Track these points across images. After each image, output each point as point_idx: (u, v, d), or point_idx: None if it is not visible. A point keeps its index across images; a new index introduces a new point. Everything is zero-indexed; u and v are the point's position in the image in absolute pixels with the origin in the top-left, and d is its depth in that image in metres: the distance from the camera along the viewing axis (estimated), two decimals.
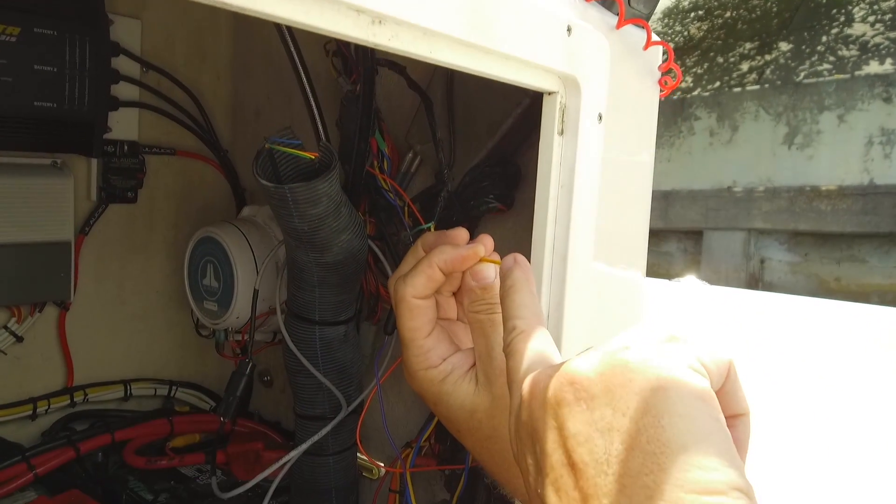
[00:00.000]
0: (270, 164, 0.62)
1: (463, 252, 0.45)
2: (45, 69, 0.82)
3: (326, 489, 0.78)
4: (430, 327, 0.45)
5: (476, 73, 0.45)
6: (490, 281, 0.44)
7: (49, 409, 0.95)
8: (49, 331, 0.98)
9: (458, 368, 0.44)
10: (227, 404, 0.74)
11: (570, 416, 0.28)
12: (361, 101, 0.64)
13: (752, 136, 6.88)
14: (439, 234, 0.48)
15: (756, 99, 6.95)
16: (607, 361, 0.29)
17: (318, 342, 0.73)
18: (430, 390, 0.44)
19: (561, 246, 0.54)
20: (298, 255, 0.68)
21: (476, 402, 0.43)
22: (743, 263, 6.84)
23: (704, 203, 7.02)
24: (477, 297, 0.44)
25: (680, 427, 0.26)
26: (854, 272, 6.41)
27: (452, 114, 0.73)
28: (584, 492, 0.27)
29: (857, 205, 5.98)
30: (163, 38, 1.02)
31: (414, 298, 0.44)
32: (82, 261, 0.98)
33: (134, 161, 0.99)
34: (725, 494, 0.24)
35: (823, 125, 6.26)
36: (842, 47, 6.30)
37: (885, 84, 5.75)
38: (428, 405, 0.46)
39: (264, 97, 1.07)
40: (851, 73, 6.18)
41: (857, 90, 5.96)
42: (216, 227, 0.90)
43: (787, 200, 6.50)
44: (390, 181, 0.77)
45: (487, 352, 0.43)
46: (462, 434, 0.45)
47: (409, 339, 0.45)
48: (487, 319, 0.43)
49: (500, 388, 0.42)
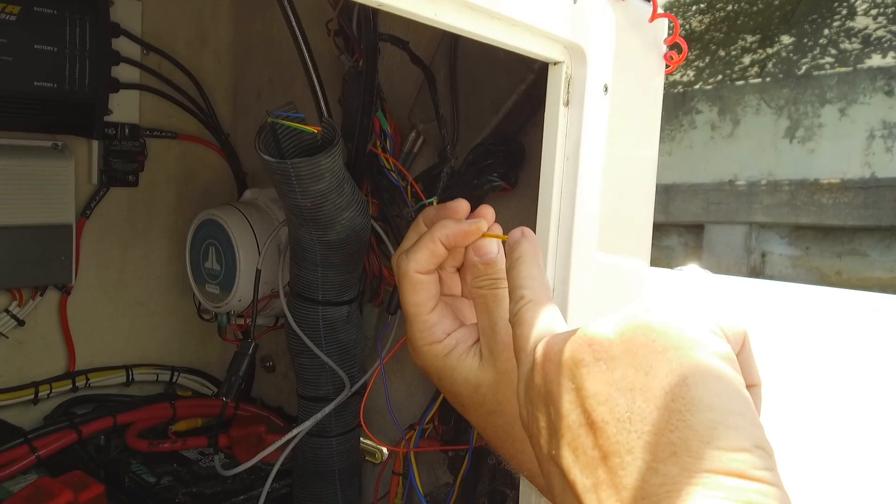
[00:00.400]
0: (273, 139, 0.61)
1: (465, 227, 0.45)
2: (46, 49, 0.81)
3: (329, 471, 0.78)
4: (433, 302, 0.45)
5: (481, 38, 0.44)
6: (493, 256, 0.44)
7: (51, 393, 0.94)
8: (51, 315, 0.97)
9: (462, 343, 0.44)
10: (230, 384, 0.74)
11: (588, 376, 0.28)
12: (364, 77, 0.63)
13: (754, 130, 6.87)
14: (440, 207, 0.47)
15: (758, 92, 6.93)
16: (628, 323, 0.28)
17: (322, 322, 0.73)
18: (434, 365, 0.44)
19: (566, 221, 0.54)
20: (301, 234, 0.67)
21: (480, 377, 0.43)
22: (744, 257, 6.83)
23: (705, 197, 7.00)
24: (480, 273, 0.44)
25: (705, 386, 0.26)
26: (855, 266, 6.40)
27: (456, 91, 0.72)
28: (604, 450, 0.26)
29: (858, 198, 5.97)
30: (163, 19, 1.01)
31: (417, 273, 0.44)
32: (83, 244, 0.97)
33: (135, 144, 0.99)
34: (750, 452, 0.24)
35: (825, 118, 6.24)
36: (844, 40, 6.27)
37: (887, 77, 5.73)
38: (432, 380, 0.45)
39: (265, 80, 1.06)
40: (853, 66, 6.16)
41: (859, 83, 5.95)
42: (218, 210, 0.89)
43: (788, 194, 6.49)
44: (393, 160, 0.77)
45: (491, 327, 0.42)
46: (467, 409, 0.44)
47: (413, 314, 0.44)
48: (491, 294, 0.43)
49: (504, 363, 0.42)
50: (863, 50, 6.24)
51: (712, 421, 0.25)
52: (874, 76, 5.83)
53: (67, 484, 0.71)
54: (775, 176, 6.68)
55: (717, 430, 0.24)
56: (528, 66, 0.67)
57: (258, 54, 1.07)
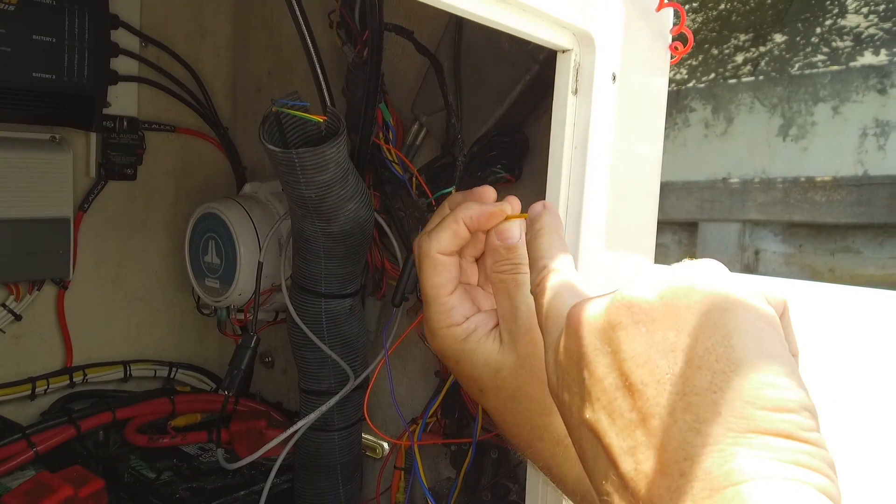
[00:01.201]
0: (277, 128, 0.61)
1: (490, 209, 0.44)
2: (44, 39, 0.81)
3: (332, 465, 0.77)
4: (453, 285, 0.44)
5: (493, 23, 0.44)
6: (515, 241, 0.44)
7: (48, 389, 0.94)
8: (48, 309, 0.96)
9: (482, 327, 0.44)
10: (232, 378, 0.73)
11: (626, 338, 0.27)
12: (368, 66, 0.63)
13: (747, 128, 6.90)
14: (466, 192, 0.47)
15: (751, 90, 6.96)
16: (670, 285, 0.28)
17: (324, 315, 0.72)
18: (452, 348, 0.44)
19: (574, 210, 0.53)
20: (305, 225, 0.67)
21: (501, 361, 0.42)
22: (738, 255, 6.86)
23: (699, 195, 7.02)
24: (501, 257, 0.43)
25: (751, 347, 0.25)
26: (848, 263, 6.43)
27: (460, 82, 0.72)
28: (642, 412, 0.26)
29: (851, 196, 6.01)
30: (162, 11, 1.01)
31: (439, 254, 0.44)
32: (81, 238, 0.96)
33: (133, 137, 0.98)
34: (797, 413, 0.24)
35: (818, 117, 6.27)
36: (836, 38, 6.30)
37: (879, 75, 5.76)
38: (447, 364, 0.45)
39: (265, 74, 1.06)
40: (845, 64, 6.19)
41: (852, 81, 5.98)
42: (218, 203, 0.89)
43: (781, 192, 6.52)
44: (396, 152, 0.76)
45: (512, 311, 0.42)
46: (484, 393, 0.44)
47: (433, 295, 0.44)
48: (511, 279, 0.42)
49: (524, 347, 0.42)
50: (854, 48, 6.26)
51: (758, 381, 0.24)
52: (867, 74, 5.87)
53: (67, 479, 0.70)
54: (769, 174, 6.71)
55: (762, 390, 0.24)
56: (533, 56, 0.67)
57: (258, 47, 1.06)
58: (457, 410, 0.75)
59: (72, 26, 0.83)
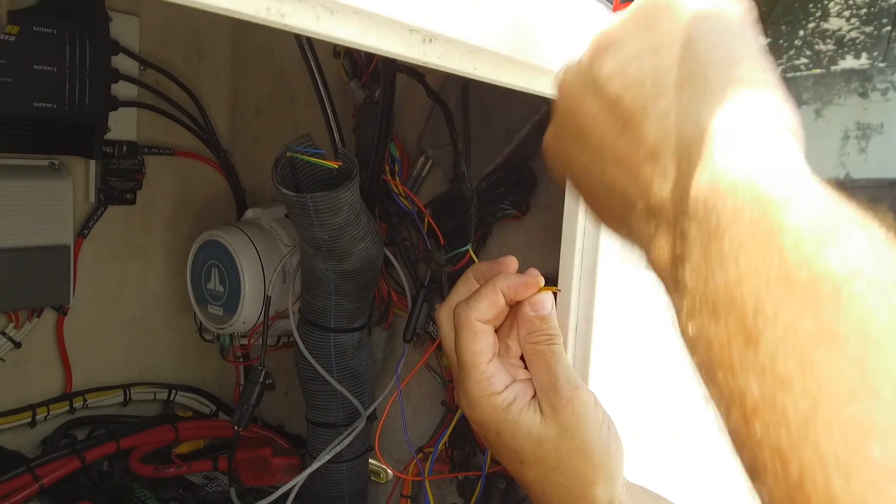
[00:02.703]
0: (290, 171, 0.61)
1: (526, 279, 0.45)
2: (45, 69, 0.80)
3: (339, 496, 0.78)
4: (492, 352, 0.44)
5: (517, 88, 0.45)
6: (549, 311, 0.44)
7: (48, 415, 0.93)
8: (47, 336, 0.96)
9: (522, 397, 0.43)
10: (242, 413, 0.73)
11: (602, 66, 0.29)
12: (381, 107, 0.63)
13: None
14: (492, 263, 0.47)
15: None
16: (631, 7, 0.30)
17: (333, 349, 0.72)
18: (493, 418, 0.43)
19: (590, 257, 0.54)
20: (316, 264, 0.67)
21: (543, 433, 0.42)
22: None
23: None
24: (535, 328, 0.43)
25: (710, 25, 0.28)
26: None
27: (467, 118, 0.72)
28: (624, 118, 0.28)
29: None
30: (161, 35, 1.00)
31: (478, 322, 0.44)
32: (81, 264, 0.96)
33: (133, 162, 0.97)
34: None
35: (801, 119, 6.34)
36: (818, 42, 6.39)
37: (861, 79, 5.84)
38: (486, 435, 0.44)
39: (265, 96, 1.05)
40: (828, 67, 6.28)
41: (834, 85, 6.05)
42: (221, 231, 0.88)
43: None
44: (403, 187, 0.76)
45: (551, 382, 0.42)
46: (526, 465, 0.44)
47: (472, 363, 0.43)
48: (548, 350, 0.43)
49: (566, 419, 0.42)
50: (837, 51, 6.35)
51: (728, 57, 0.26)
52: (849, 78, 5.94)
53: None
54: None
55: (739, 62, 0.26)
56: (543, 97, 0.68)
57: (257, 69, 1.06)
58: (467, 443, 0.76)
59: (73, 55, 0.83)
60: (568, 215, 0.54)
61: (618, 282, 0.57)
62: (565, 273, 0.54)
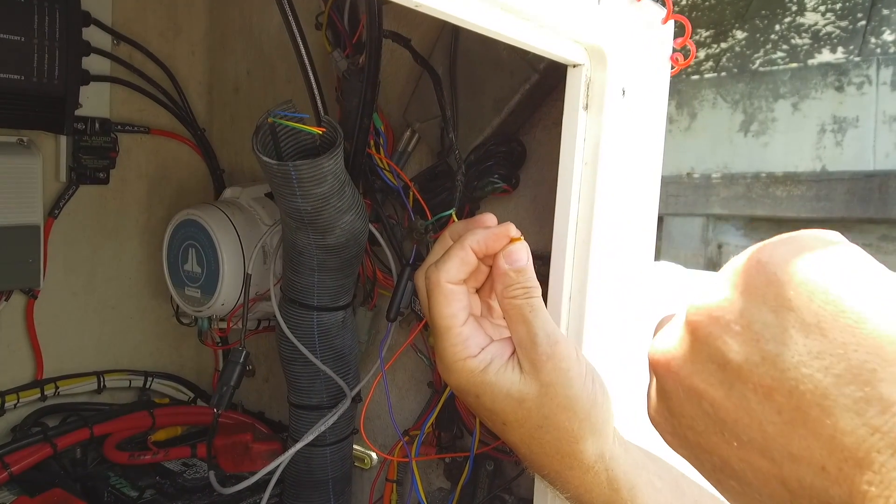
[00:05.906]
0: (271, 139, 0.58)
1: (495, 230, 0.43)
2: (13, 38, 0.76)
3: (323, 480, 0.75)
4: (465, 314, 0.42)
5: (505, 38, 0.43)
6: (524, 263, 0.42)
7: (18, 403, 0.89)
8: (16, 320, 0.92)
9: (499, 357, 0.42)
10: (222, 395, 0.70)
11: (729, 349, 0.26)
12: (366, 75, 0.61)
13: (710, 124, 7.00)
14: (467, 221, 0.46)
15: (714, 87, 7.06)
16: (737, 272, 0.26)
17: (316, 328, 0.70)
18: (471, 381, 0.42)
19: (584, 223, 0.52)
20: (298, 238, 0.64)
21: (524, 391, 0.41)
22: (701, 248, 6.99)
23: (665, 189, 7.08)
24: (511, 281, 0.42)
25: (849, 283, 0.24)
26: None
27: (455, 89, 0.70)
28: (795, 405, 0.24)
29: (810, 191, 6.16)
30: (135, 7, 0.96)
31: (448, 283, 0.42)
32: (51, 246, 0.92)
33: (106, 139, 0.94)
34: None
35: (778, 113, 6.40)
36: (794, 36, 6.45)
37: (836, 73, 5.91)
38: (466, 400, 0.43)
39: (243, 73, 1.02)
40: (804, 61, 6.34)
41: (811, 79, 6.11)
42: (198, 210, 0.85)
43: (744, 187, 6.64)
44: (388, 161, 0.74)
45: (530, 338, 0.41)
46: (509, 426, 0.42)
47: (446, 327, 0.42)
48: (526, 304, 0.41)
49: (547, 375, 0.40)
50: (813, 45, 6.41)
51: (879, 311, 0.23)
52: (825, 72, 6.01)
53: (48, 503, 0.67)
54: (731, 169, 6.83)
55: None
56: (533, 65, 0.65)
57: (235, 45, 1.03)
58: (454, 424, 0.74)
59: (42, 24, 0.79)
60: (562, 184, 0.52)
61: (612, 252, 0.56)
62: (559, 242, 0.53)
